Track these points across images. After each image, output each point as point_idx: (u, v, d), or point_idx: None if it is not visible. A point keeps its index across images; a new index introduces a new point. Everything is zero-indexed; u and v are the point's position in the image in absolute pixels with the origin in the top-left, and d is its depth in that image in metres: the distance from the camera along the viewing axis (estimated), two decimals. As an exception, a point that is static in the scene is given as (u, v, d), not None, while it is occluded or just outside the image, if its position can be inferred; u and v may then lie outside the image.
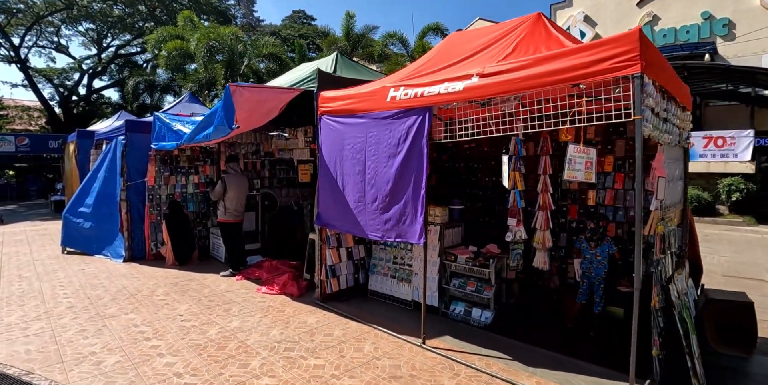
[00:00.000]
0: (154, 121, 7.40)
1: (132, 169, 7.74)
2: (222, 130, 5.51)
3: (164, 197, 7.84)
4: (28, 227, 12.27)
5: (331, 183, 5.24)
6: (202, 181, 8.27)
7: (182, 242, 7.45)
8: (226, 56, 15.62)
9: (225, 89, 5.26)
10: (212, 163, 8.39)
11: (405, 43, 16.58)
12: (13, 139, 20.81)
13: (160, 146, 7.16)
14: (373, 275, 5.86)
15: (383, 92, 4.50)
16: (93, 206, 8.21)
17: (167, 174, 7.85)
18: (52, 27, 29.30)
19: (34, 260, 7.86)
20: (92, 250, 8.23)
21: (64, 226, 8.42)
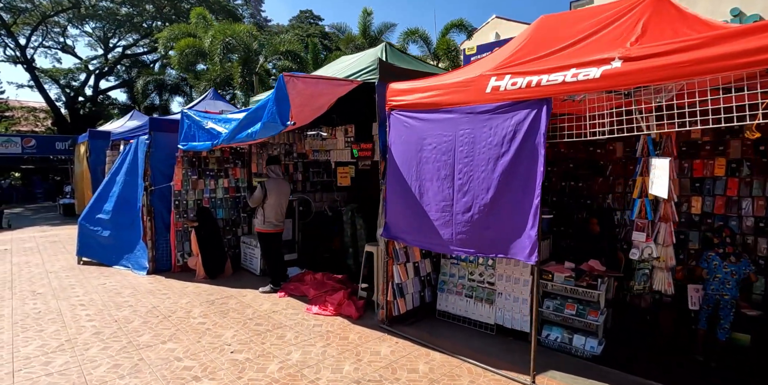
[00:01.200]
0: (182, 118, 6.56)
1: (156, 172, 6.89)
2: (272, 128, 4.68)
3: (191, 202, 6.99)
4: (37, 232, 11.39)
5: (403, 189, 4.41)
6: (232, 186, 7.43)
7: (213, 253, 6.60)
8: (242, 54, 14.75)
9: (278, 80, 4.45)
10: (243, 165, 7.54)
11: (427, 40, 15.77)
12: (20, 141, 19.93)
13: (190, 147, 6.32)
14: (443, 293, 5.04)
15: (481, 82, 3.69)
16: (112, 213, 7.36)
17: (195, 178, 7.01)
18: (58, 27, 28.44)
19: (47, 272, 7.00)
20: (111, 261, 7.38)
21: (80, 234, 7.56)
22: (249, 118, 5.06)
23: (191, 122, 6.45)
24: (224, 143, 5.54)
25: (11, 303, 5.49)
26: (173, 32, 17.13)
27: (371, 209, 7.37)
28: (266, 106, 4.74)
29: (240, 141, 5.34)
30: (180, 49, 15.90)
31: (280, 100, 4.46)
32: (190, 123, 6.47)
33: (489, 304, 4.65)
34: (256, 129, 4.89)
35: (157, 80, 21.64)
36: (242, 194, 7.53)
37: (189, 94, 23.07)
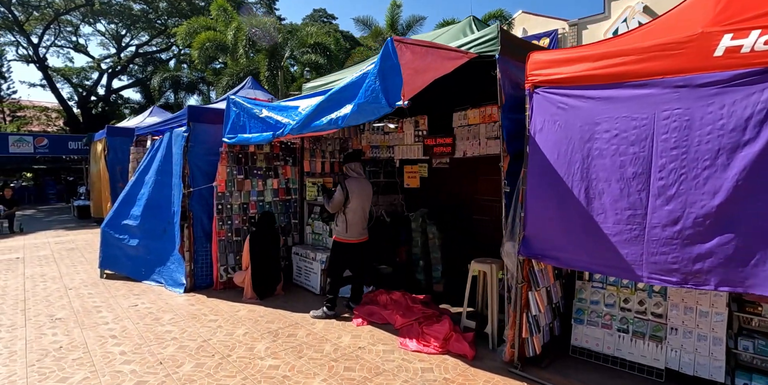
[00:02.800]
0: (229, 106, 5.36)
1: (195, 171, 5.69)
2: (372, 110, 3.48)
3: (236, 207, 5.77)
4: (51, 237, 10.19)
5: (557, 193, 3.20)
6: (282, 187, 6.20)
7: (267, 269, 5.38)
8: (268, 46, 13.55)
9: (385, 46, 3.27)
10: (294, 163, 6.32)
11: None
12: (32, 140, 18.72)
13: (240, 140, 5.11)
14: (581, 325, 3.82)
15: (705, 41, 2.48)
16: (141, 219, 6.16)
17: (241, 177, 5.79)
18: (70, 26, 27.34)
19: (66, 289, 5.80)
20: (140, 275, 6.17)
21: (104, 243, 6.36)
22: (332, 100, 3.85)
23: (240, 111, 5.25)
24: (293, 133, 4.33)
25: (25, 334, 4.28)
26: (192, 26, 15.94)
27: (446, 214, 6.17)
28: (361, 82, 3.55)
29: (317, 130, 4.13)
30: (200, 43, 14.72)
31: (387, 72, 3.28)
32: (239, 112, 5.26)
33: (655, 342, 3.43)
34: (344, 113, 3.68)
35: (172, 77, 20.42)
36: (293, 196, 6.31)
37: (206, 93, 21.91)
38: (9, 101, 28.53)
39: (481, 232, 6.19)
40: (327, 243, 5.86)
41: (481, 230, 6.24)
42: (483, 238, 6.10)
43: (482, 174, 6.21)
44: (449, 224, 6.14)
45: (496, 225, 6.39)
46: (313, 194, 6.18)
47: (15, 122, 27.17)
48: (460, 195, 6.34)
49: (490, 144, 5.47)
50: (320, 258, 5.56)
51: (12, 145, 18.16)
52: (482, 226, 6.28)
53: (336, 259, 4.93)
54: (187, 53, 23.97)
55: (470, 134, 5.66)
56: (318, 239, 6.03)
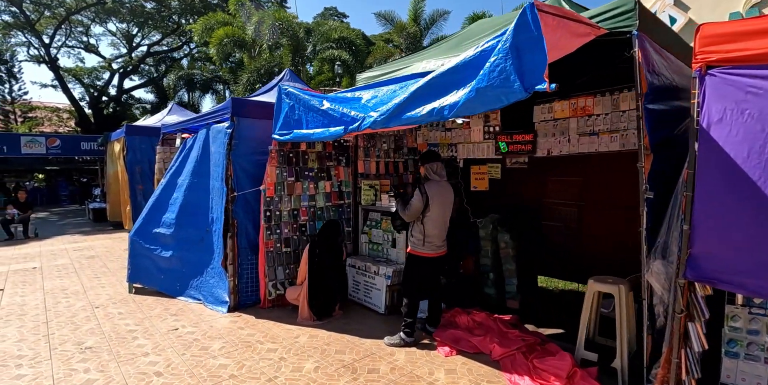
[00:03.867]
0: (281, 98, 4.57)
1: (239, 173, 4.90)
2: (497, 96, 2.69)
3: (286, 213, 4.98)
4: (69, 243, 9.43)
5: (748, 201, 2.39)
6: (335, 190, 5.40)
7: (328, 286, 4.59)
8: (291, 41, 12.76)
9: (521, 14, 2.51)
10: (347, 163, 5.52)
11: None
12: (44, 141, 18.01)
13: (296, 136, 4.33)
14: (735, 359, 3.01)
15: None
16: (175, 227, 5.39)
17: (292, 179, 5.00)
18: (81, 26, 26.64)
19: (93, 307, 5.02)
20: (174, 290, 5.40)
21: (132, 254, 5.58)
22: (433, 86, 3.07)
23: (295, 102, 4.45)
24: (375, 127, 3.53)
25: (51, 368, 3.51)
26: (209, 22, 15.16)
27: (520, 221, 5.37)
28: (480, 62, 2.78)
29: (410, 122, 3.34)
30: (218, 39, 13.93)
31: (524, 47, 2.53)
32: (293, 104, 4.47)
33: None
34: (453, 101, 2.89)
35: (187, 76, 19.65)
36: (345, 201, 5.51)
37: (221, 92, 21.10)
38: (20, 102, 27.87)
39: (553, 240, 5.41)
40: (389, 255, 5.07)
41: (554, 238, 5.46)
42: (554, 247, 5.34)
43: (555, 175, 5.42)
44: (524, 232, 5.35)
45: (570, 232, 5.64)
46: (369, 198, 5.39)
47: (27, 123, 26.49)
48: (528, 199, 5.54)
49: (583, 141, 4.67)
50: (385, 272, 4.77)
51: (24, 146, 17.46)
52: (553, 233, 5.49)
53: (412, 275, 4.14)
54: (202, 51, 23.23)
55: (556, 130, 4.86)
56: (377, 249, 5.23)
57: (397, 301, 4.88)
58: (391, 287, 4.80)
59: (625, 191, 4.57)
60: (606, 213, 4.90)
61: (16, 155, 17.60)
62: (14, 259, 7.78)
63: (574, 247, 5.32)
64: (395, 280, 4.80)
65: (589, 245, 5.06)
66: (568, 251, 5.35)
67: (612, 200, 4.76)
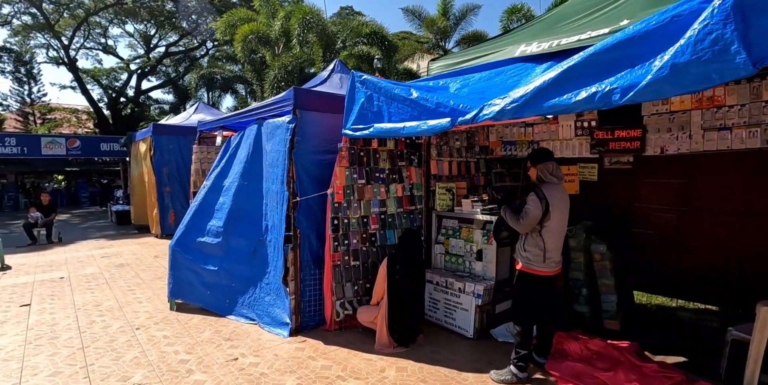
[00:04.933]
0: (354, 87, 3.83)
1: (301, 174, 4.15)
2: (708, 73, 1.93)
3: (354, 221, 4.22)
4: (94, 249, 8.76)
5: None
6: (406, 194, 4.64)
7: (410, 308, 3.83)
8: (322, 36, 12.03)
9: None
10: (419, 164, 4.75)
11: (529, 18, 12.83)
12: (64, 142, 17.52)
13: (378, 132, 3.57)
14: None
15: None
16: (223, 235, 4.66)
17: (362, 182, 4.24)
18: (99, 28, 26.19)
19: (133, 329, 4.30)
20: (222, 307, 4.67)
21: (174, 266, 4.86)
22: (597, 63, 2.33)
23: (374, 92, 3.70)
24: (502, 118, 2.75)
25: (95, 417, 2.76)
26: (231, 18, 14.49)
27: (617, 229, 4.59)
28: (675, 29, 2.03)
29: (555, 111, 2.56)
30: (243, 35, 13.24)
31: (759, 5, 1.72)
32: (372, 93, 3.71)
33: None
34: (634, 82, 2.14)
35: (209, 75, 19.00)
36: (417, 206, 4.74)
37: (236, 92, 20.41)
38: (39, 104, 27.46)
39: (646, 250, 4.65)
40: (472, 269, 4.31)
41: (647, 248, 4.70)
42: (645, 257, 4.59)
43: (649, 176, 4.63)
44: (622, 242, 4.57)
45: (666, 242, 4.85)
46: (444, 203, 4.62)
47: (46, 124, 26.06)
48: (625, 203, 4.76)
49: (710, 137, 3.88)
50: (474, 290, 4.00)
51: (44, 147, 16.96)
52: (646, 242, 4.72)
53: (527, 298, 3.36)
54: (221, 50, 22.62)
55: (674, 124, 4.07)
56: (456, 262, 4.46)
57: (486, 323, 4.13)
58: (482, 307, 4.04)
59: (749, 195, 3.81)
60: (719, 220, 4.13)
61: (37, 156, 17.10)
62: (39, 267, 7.11)
63: (672, 258, 4.55)
64: (486, 299, 4.04)
65: (692, 257, 4.30)
66: (665, 262, 4.59)
67: (729, 206, 4.00)
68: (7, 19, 23.79)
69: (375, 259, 4.39)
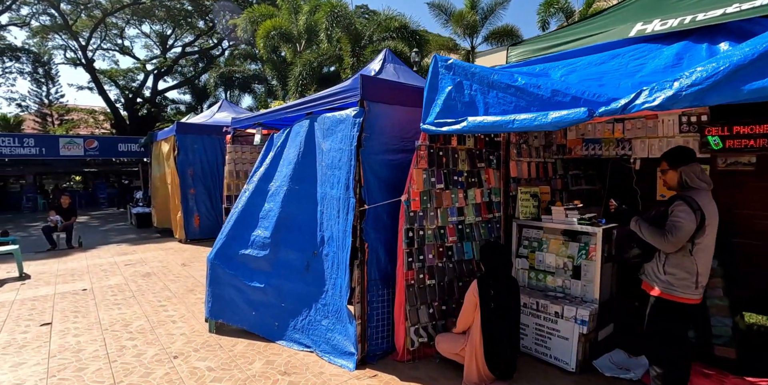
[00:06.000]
0: (437, 73, 3.12)
1: (369, 177, 3.44)
2: None
3: (430, 233, 3.51)
4: (117, 255, 8.14)
5: None
6: (485, 200, 3.91)
7: (507, 335, 3.11)
8: (350, 31, 11.34)
9: None
10: (497, 165, 4.02)
11: (567, 11, 12.03)
12: (82, 142, 17.04)
13: (478, 126, 2.86)
14: None
15: None
16: (270, 247, 3.98)
17: (441, 187, 3.52)
18: (116, 29, 25.77)
19: (170, 358, 3.63)
20: (271, 331, 3.98)
21: (213, 282, 4.19)
22: None
23: (464, 78, 3.00)
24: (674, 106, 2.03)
25: None
26: (253, 15, 13.85)
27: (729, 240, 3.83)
28: None
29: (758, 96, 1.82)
30: (265, 31, 12.59)
31: None
32: (461, 80, 3.01)
33: None
34: None
35: (228, 73, 18.39)
36: (495, 214, 4.02)
37: (253, 91, 19.79)
38: (57, 105, 27.12)
39: (750, 262, 3.93)
40: (568, 289, 3.59)
41: (751, 260, 3.97)
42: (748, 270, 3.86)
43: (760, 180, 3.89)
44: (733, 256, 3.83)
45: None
46: (528, 211, 3.89)
47: (64, 125, 25.69)
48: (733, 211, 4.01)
49: None
50: (575, 315, 3.29)
51: (63, 148, 16.49)
52: (748, 252, 3.98)
53: (668, 331, 2.64)
54: (240, 49, 22.04)
55: (823, 114, 3.30)
56: (544, 280, 3.74)
57: (589, 354, 3.41)
58: (587, 335, 3.31)
59: None
60: None
61: (55, 157, 16.64)
62: (60, 276, 6.49)
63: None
64: (591, 326, 3.32)
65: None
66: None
67: None
68: (26, 21, 23.46)
69: (451, 276, 3.68)
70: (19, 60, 24.55)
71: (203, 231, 9.21)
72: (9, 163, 17.58)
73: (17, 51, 23.98)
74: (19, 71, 25.22)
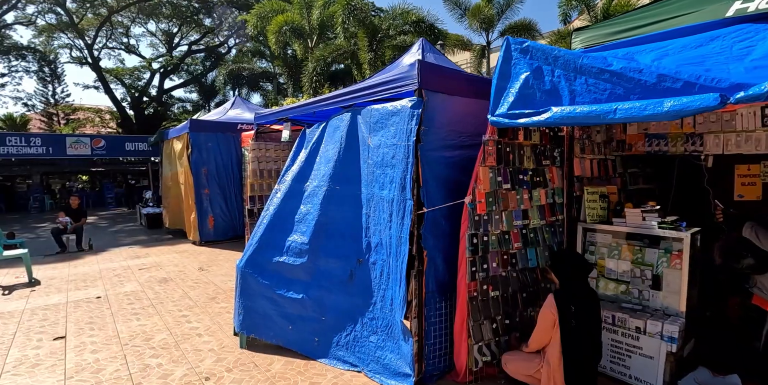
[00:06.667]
0: (510, 58, 2.69)
1: (428, 177, 3.02)
2: None
3: (494, 239, 3.08)
4: (129, 258, 7.74)
5: None
6: (548, 201, 3.48)
7: (588, 350, 2.68)
8: (366, 25, 10.90)
9: None
10: (561, 163, 3.59)
11: (589, 4, 11.54)
12: (89, 141, 16.65)
13: (569, 117, 2.41)
14: None
15: None
16: (309, 254, 3.56)
17: (507, 187, 3.09)
18: (121, 27, 25.35)
19: (201, 380, 3.21)
20: (310, 348, 3.56)
21: (243, 293, 3.78)
22: None
23: (544, 63, 2.61)
24: None
25: None
26: (264, 10, 13.42)
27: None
28: None
29: None
30: (277, 26, 12.16)
31: None
32: (541, 65, 2.61)
33: None
34: None
35: (237, 70, 17.95)
36: (558, 216, 3.59)
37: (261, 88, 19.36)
38: (63, 104, 26.73)
39: None
40: (646, 300, 3.16)
41: None
42: None
43: None
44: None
45: None
46: (596, 213, 3.47)
47: (70, 125, 25.30)
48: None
49: None
50: (660, 331, 2.88)
51: (70, 147, 16.11)
52: None
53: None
54: (247, 47, 21.60)
55: None
56: (617, 290, 3.31)
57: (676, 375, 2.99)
58: (675, 354, 2.89)
59: None
60: None
61: (62, 156, 16.27)
62: (72, 282, 6.08)
63: None
64: (680, 343, 2.89)
65: None
66: None
67: None
68: (32, 19, 23.05)
69: (516, 288, 3.26)
70: (25, 59, 24.18)
71: (218, 232, 8.81)
72: (16, 162, 17.21)
73: (23, 50, 23.58)
74: (25, 70, 24.85)
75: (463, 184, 3.08)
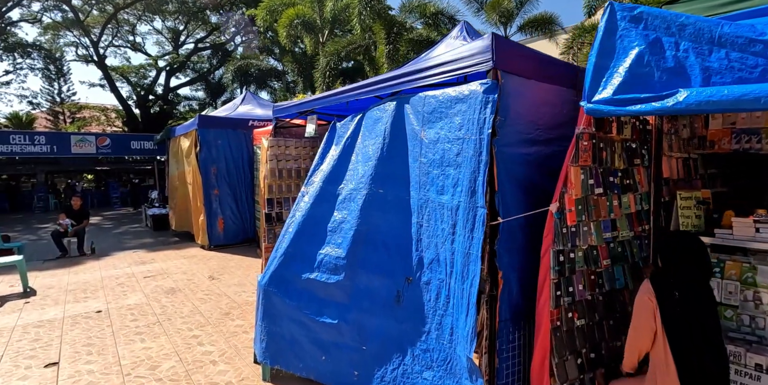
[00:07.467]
0: (615, 29, 2.07)
1: (503, 179, 2.39)
2: None
3: (580, 256, 2.45)
4: (134, 264, 7.16)
5: None
6: (636, 208, 2.86)
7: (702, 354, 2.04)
8: (383, 17, 10.30)
9: None
10: (648, 162, 2.96)
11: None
12: (94, 140, 16.11)
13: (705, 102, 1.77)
14: None
15: None
16: (345, 271, 2.96)
17: (599, 191, 2.47)
18: (127, 25, 24.82)
19: (218, 423, 2.59)
20: (348, 381, 2.93)
21: (267, 315, 3.18)
22: None
23: (664, 34, 2.00)
24: None
25: None
26: (273, 3, 12.83)
27: None
28: None
29: None
30: (288, 20, 11.57)
31: None
32: (659, 36, 1.99)
33: None
34: None
35: (246, 66, 17.36)
36: (645, 225, 2.96)
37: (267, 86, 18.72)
38: (69, 102, 26.25)
39: None
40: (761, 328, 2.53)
41: None
42: None
43: None
44: None
45: None
46: (692, 222, 2.84)
47: (75, 123, 24.82)
48: None
49: None
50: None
51: (74, 146, 15.56)
52: None
53: None
54: (256, 43, 21.02)
55: None
56: (729, 318, 2.68)
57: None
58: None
59: None
60: None
61: (67, 155, 15.74)
62: (71, 292, 5.50)
63: None
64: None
65: None
66: None
67: None
68: (37, 17, 22.56)
69: (602, 314, 2.64)
70: (31, 56, 23.68)
71: (228, 236, 8.22)
72: (20, 161, 16.71)
73: (28, 47, 23.08)
74: (30, 68, 24.35)
75: (542, 188, 2.47)
